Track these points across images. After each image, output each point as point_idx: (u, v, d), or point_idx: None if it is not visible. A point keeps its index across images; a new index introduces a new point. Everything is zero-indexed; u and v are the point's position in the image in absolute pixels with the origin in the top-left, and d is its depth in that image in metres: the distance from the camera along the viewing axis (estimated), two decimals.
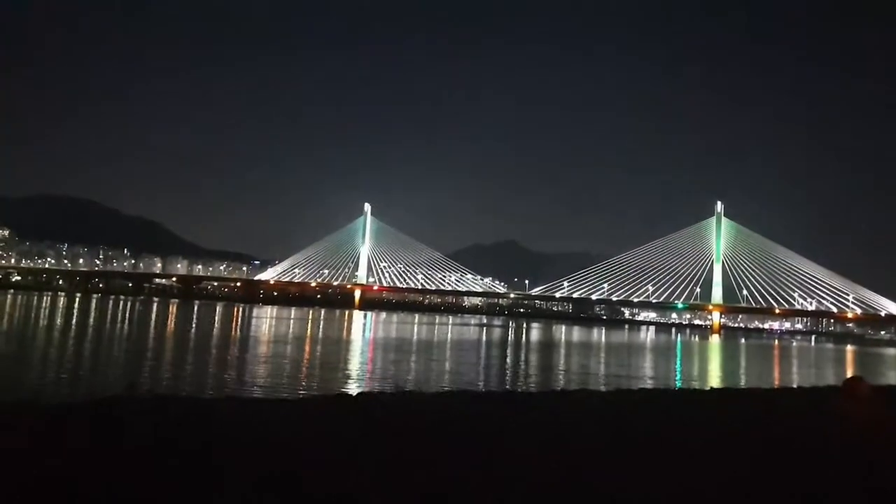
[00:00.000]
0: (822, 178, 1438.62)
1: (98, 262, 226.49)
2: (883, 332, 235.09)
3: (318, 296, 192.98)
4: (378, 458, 8.27)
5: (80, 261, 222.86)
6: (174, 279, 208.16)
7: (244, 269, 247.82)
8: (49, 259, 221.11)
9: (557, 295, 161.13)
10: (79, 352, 30.36)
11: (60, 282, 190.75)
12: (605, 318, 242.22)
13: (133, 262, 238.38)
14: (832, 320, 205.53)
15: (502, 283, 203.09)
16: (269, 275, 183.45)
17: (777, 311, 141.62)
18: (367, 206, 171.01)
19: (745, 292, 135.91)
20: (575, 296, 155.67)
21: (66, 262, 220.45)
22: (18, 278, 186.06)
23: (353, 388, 21.67)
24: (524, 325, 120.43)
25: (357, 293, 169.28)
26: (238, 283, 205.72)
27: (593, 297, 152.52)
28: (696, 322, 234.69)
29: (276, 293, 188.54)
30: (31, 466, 6.95)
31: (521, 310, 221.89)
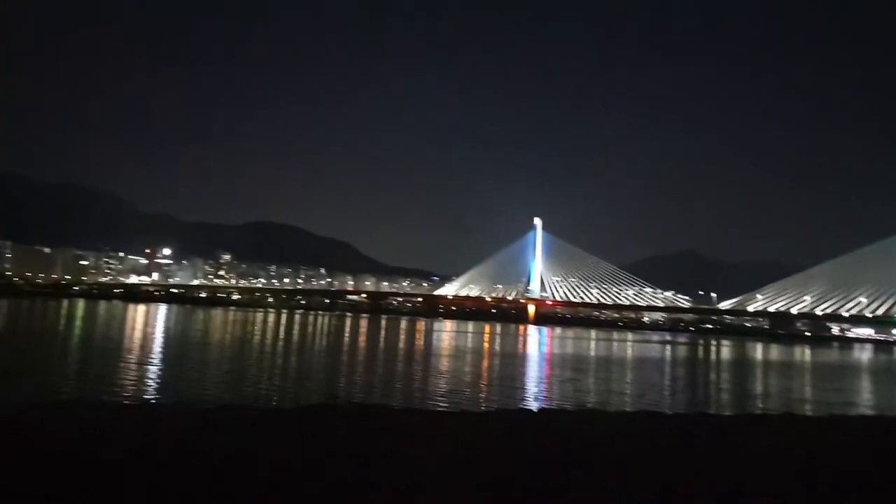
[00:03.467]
0: None
1: (300, 281, 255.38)
2: None
3: (493, 310, 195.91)
4: (562, 472, 8.36)
5: (286, 280, 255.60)
6: (364, 295, 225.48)
7: (424, 284, 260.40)
8: (261, 279, 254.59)
9: (750, 309, 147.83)
10: (286, 364, 33.98)
11: (270, 299, 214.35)
12: (808, 334, 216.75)
13: (329, 280, 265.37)
14: None
15: (685, 297, 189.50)
16: (447, 290, 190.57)
17: None
18: (538, 221, 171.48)
19: None
20: (771, 310, 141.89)
21: (273, 281, 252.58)
22: (238, 297, 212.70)
23: (532, 404, 21.84)
24: (713, 343, 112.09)
25: (531, 308, 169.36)
26: (420, 299, 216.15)
27: (793, 310, 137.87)
28: None
29: (454, 308, 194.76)
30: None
31: (709, 325, 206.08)
